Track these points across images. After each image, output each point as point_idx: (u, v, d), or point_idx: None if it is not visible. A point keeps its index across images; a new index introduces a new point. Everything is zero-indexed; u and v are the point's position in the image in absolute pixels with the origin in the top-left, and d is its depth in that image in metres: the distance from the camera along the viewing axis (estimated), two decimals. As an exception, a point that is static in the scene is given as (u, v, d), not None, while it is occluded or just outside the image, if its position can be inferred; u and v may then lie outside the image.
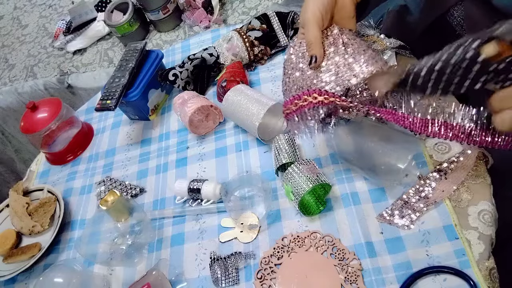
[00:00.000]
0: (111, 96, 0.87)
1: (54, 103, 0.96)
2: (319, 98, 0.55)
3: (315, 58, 0.56)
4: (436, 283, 0.56)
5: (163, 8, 1.31)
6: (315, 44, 0.56)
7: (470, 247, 0.58)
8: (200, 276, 0.68)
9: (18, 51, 1.67)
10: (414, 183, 0.65)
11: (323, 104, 0.55)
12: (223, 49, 0.94)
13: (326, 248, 0.63)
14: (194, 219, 0.75)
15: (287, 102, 0.58)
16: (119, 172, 0.91)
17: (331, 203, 0.68)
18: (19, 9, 1.91)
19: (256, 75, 0.96)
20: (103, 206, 0.74)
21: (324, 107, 0.56)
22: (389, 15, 0.85)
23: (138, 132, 0.97)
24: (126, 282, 0.72)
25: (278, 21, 0.96)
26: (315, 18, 0.56)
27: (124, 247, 0.73)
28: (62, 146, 0.98)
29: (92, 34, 1.47)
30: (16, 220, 0.87)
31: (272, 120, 0.83)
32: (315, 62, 0.56)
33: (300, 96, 0.56)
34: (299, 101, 0.56)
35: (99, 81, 1.39)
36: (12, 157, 1.78)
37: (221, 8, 1.34)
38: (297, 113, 0.57)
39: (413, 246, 0.60)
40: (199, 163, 0.84)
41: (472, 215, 0.60)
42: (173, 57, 1.13)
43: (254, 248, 0.68)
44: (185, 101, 0.86)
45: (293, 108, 0.57)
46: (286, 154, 0.72)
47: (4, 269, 0.81)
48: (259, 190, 0.74)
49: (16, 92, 1.52)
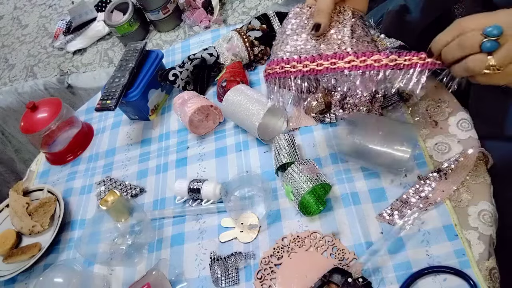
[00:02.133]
0: (111, 96, 0.87)
1: (54, 103, 0.96)
2: (310, 66, 0.51)
3: (318, 27, 0.53)
4: (436, 283, 0.56)
5: (163, 8, 1.31)
6: (324, 13, 0.53)
7: (470, 247, 0.57)
8: (200, 276, 0.68)
9: (18, 51, 1.67)
10: (414, 183, 0.65)
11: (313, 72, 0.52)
12: (223, 49, 0.94)
13: (326, 248, 0.63)
14: (194, 219, 0.75)
15: (272, 62, 0.55)
16: (119, 172, 0.91)
17: (331, 203, 0.68)
18: (19, 9, 1.91)
19: (256, 75, 0.96)
20: (103, 206, 0.74)
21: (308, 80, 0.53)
22: (388, 15, 0.85)
23: (138, 132, 0.97)
24: (126, 282, 0.72)
25: (278, 21, 0.96)
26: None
27: (124, 247, 0.73)
28: (62, 146, 0.98)
29: (92, 34, 1.47)
30: (16, 220, 0.87)
31: (272, 120, 0.83)
32: (316, 31, 0.53)
33: (289, 60, 0.52)
34: (286, 65, 0.52)
35: (99, 81, 1.39)
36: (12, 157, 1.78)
37: (221, 8, 1.34)
38: (280, 76, 0.54)
39: (413, 246, 0.60)
40: (199, 163, 0.84)
41: (472, 215, 0.60)
42: (173, 57, 1.13)
43: (254, 248, 0.68)
44: (185, 101, 0.86)
45: (278, 71, 0.54)
46: (286, 154, 0.72)
47: (4, 269, 0.81)
48: (259, 190, 0.74)
49: (16, 92, 1.52)
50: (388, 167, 0.67)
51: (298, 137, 0.79)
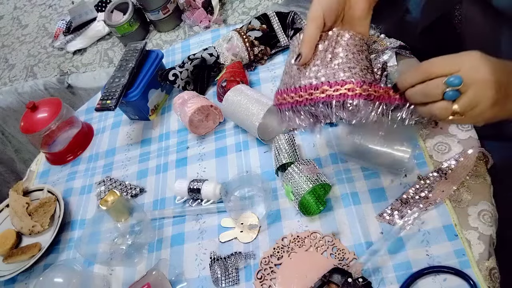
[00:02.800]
0: (111, 96, 0.87)
1: (54, 103, 0.96)
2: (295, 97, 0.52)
3: (300, 57, 0.54)
4: (436, 283, 0.56)
5: (163, 8, 1.31)
6: (306, 43, 0.54)
7: (470, 247, 0.57)
8: (200, 276, 0.68)
9: (18, 51, 1.67)
10: (414, 183, 0.65)
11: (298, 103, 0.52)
12: (223, 49, 0.94)
13: (326, 248, 0.63)
14: (194, 219, 0.75)
15: (282, 92, 0.55)
16: (119, 172, 0.91)
17: (331, 203, 0.68)
18: (19, 9, 1.91)
19: (256, 75, 0.96)
20: (103, 206, 0.74)
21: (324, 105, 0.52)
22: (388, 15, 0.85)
23: (138, 132, 0.97)
24: (126, 282, 0.72)
25: (278, 21, 0.96)
26: (314, 16, 0.55)
27: (124, 247, 0.73)
28: (62, 146, 0.98)
29: (92, 34, 1.47)
30: (16, 220, 0.87)
31: (272, 120, 0.83)
32: (298, 61, 0.54)
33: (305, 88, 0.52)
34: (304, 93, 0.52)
35: (99, 81, 1.38)
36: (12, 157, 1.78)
37: (221, 8, 1.34)
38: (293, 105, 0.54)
39: (413, 246, 0.60)
40: (199, 163, 0.84)
41: (472, 215, 0.60)
42: (173, 57, 1.13)
43: (254, 248, 0.68)
44: (185, 101, 0.86)
45: (290, 100, 0.54)
46: (286, 154, 0.72)
47: (4, 269, 0.81)
48: (259, 190, 0.74)
49: (16, 92, 1.52)
50: (388, 167, 0.67)
51: (298, 137, 0.79)
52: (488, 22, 0.64)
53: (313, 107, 0.52)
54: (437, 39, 0.74)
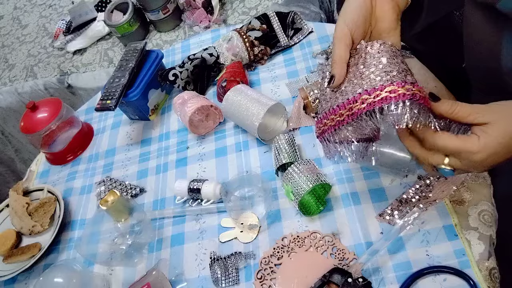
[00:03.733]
0: (111, 96, 0.87)
1: (54, 103, 0.96)
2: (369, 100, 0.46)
3: (333, 79, 0.52)
4: (436, 283, 0.56)
5: (163, 8, 1.31)
6: (337, 64, 0.52)
7: (470, 247, 0.58)
8: (200, 276, 0.68)
9: (18, 51, 1.67)
10: (414, 183, 0.65)
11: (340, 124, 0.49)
12: (223, 49, 0.94)
13: (326, 248, 0.63)
14: (194, 219, 0.75)
15: (322, 118, 0.52)
16: (119, 172, 0.91)
17: (331, 203, 0.68)
18: (19, 9, 1.91)
19: (256, 75, 0.96)
20: (103, 206, 0.74)
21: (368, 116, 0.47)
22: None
23: (138, 132, 0.97)
24: (126, 282, 0.72)
25: (278, 21, 0.96)
26: (341, 35, 0.52)
27: (124, 247, 0.73)
28: (62, 146, 0.97)
29: (92, 34, 1.47)
30: (16, 220, 0.87)
31: (272, 120, 0.83)
32: (332, 83, 0.52)
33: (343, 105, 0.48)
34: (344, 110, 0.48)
35: (99, 81, 1.39)
36: (12, 157, 1.78)
37: (221, 8, 1.34)
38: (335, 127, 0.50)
39: (413, 246, 0.60)
40: (199, 163, 0.84)
41: (472, 215, 0.60)
42: (173, 57, 1.13)
43: (254, 248, 0.68)
44: (185, 101, 0.86)
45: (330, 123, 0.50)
46: (286, 154, 0.72)
47: (4, 269, 0.81)
48: (259, 190, 0.74)
49: (16, 92, 1.52)
50: (391, 167, 0.66)
51: (298, 137, 0.79)
52: (489, 24, 0.64)
53: (356, 122, 0.48)
54: (437, 39, 0.74)
